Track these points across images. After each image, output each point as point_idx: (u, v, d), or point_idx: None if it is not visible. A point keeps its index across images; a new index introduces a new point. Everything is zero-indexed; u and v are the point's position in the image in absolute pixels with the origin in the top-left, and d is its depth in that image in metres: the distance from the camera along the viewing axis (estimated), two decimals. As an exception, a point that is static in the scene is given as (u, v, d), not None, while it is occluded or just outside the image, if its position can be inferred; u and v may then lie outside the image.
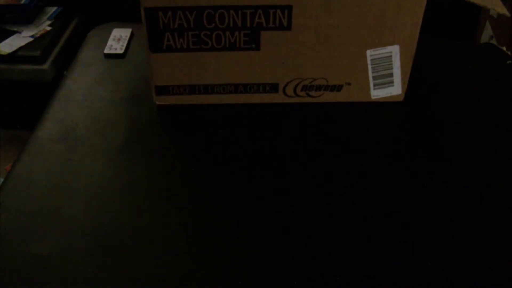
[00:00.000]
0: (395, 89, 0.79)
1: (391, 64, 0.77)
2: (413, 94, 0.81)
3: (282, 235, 0.62)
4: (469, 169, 0.71)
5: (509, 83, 0.88)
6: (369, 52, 0.75)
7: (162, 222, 0.63)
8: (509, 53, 0.95)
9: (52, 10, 1.71)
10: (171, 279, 0.57)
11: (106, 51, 0.91)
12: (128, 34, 0.95)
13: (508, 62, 0.92)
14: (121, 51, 0.91)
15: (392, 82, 0.78)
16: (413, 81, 0.79)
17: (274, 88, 0.78)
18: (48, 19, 1.68)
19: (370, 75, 0.77)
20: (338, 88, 0.78)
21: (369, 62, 0.76)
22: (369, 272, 0.58)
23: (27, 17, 1.64)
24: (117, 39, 0.94)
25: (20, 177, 0.69)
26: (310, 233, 0.62)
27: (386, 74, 0.77)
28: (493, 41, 1.44)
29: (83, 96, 0.82)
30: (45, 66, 1.55)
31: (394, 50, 0.76)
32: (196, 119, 0.79)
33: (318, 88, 0.78)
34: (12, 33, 1.60)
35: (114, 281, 0.57)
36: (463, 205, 0.66)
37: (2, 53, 1.53)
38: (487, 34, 1.49)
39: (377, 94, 0.79)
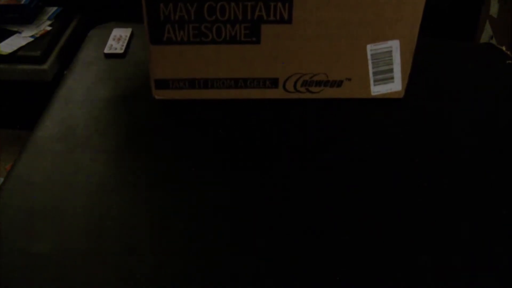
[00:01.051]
0: (395, 85, 0.79)
1: (392, 59, 0.77)
2: (413, 94, 0.81)
3: (282, 233, 0.62)
4: (468, 169, 0.71)
5: (509, 83, 0.88)
6: (369, 47, 0.75)
7: (162, 221, 0.63)
8: (509, 53, 0.95)
9: (52, 10, 1.71)
10: (171, 279, 0.57)
11: (106, 50, 0.91)
12: (128, 34, 0.95)
13: (508, 62, 0.92)
14: (121, 51, 0.91)
15: (392, 78, 0.78)
16: (413, 81, 0.79)
17: (274, 83, 0.78)
18: (48, 19, 1.68)
19: (371, 70, 0.77)
20: (339, 83, 0.78)
21: (369, 57, 0.76)
22: (369, 272, 0.58)
23: (27, 17, 1.64)
24: (117, 39, 0.94)
25: (20, 177, 0.69)
26: (310, 232, 0.62)
27: (387, 69, 0.77)
28: (493, 41, 1.44)
29: (83, 96, 0.82)
30: (45, 66, 1.55)
31: (394, 45, 0.76)
32: (196, 119, 0.79)
33: (318, 83, 0.78)
34: (12, 33, 1.60)
35: (114, 281, 0.57)
36: (463, 205, 0.66)
37: (2, 53, 1.53)
38: (487, 34, 1.49)
39: (377, 90, 0.79)
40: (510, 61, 0.92)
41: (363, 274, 0.58)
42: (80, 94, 0.83)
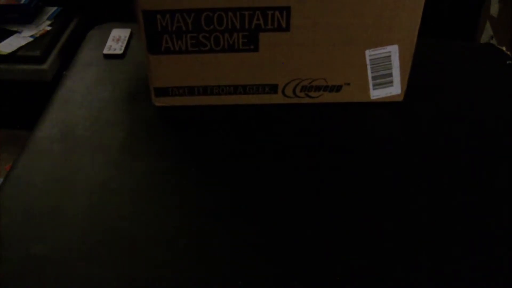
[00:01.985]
0: (394, 89, 0.79)
1: (390, 64, 0.77)
2: (413, 94, 0.81)
3: (282, 235, 0.62)
4: (468, 169, 0.71)
5: (509, 83, 0.88)
6: (368, 52, 0.75)
7: (162, 222, 0.63)
8: (509, 53, 0.95)
9: (52, 10, 1.72)
10: (171, 279, 0.57)
11: (105, 51, 0.91)
12: (128, 35, 0.95)
13: (508, 62, 0.92)
14: (121, 52, 0.91)
15: (391, 82, 0.78)
16: (413, 81, 0.79)
17: (273, 89, 0.78)
18: (48, 19, 1.68)
19: (370, 75, 0.77)
20: (338, 88, 0.78)
21: (368, 62, 0.76)
22: (369, 272, 0.58)
23: (27, 17, 1.64)
24: (117, 40, 0.94)
25: (20, 177, 0.69)
26: (310, 233, 0.62)
27: (386, 74, 0.77)
28: (493, 41, 1.44)
29: (83, 96, 0.82)
30: (45, 66, 1.55)
31: (393, 50, 0.76)
32: (196, 119, 0.79)
33: (317, 88, 0.78)
34: (12, 33, 1.60)
35: (114, 281, 0.57)
36: (463, 205, 0.66)
37: (2, 53, 1.53)
38: (487, 34, 1.49)
39: (376, 94, 0.79)
40: (511, 61, 0.92)
41: (363, 274, 0.58)
42: (80, 95, 0.83)
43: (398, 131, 0.78)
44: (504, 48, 0.96)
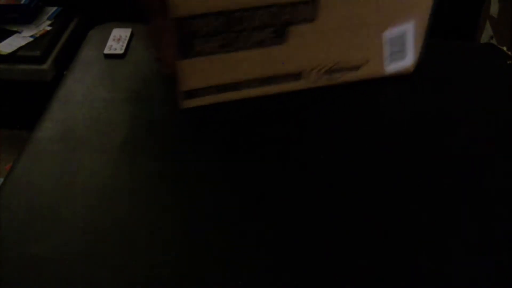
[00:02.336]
0: (407, 61, 0.83)
1: (406, 40, 0.79)
2: (413, 94, 0.81)
3: (283, 235, 0.62)
4: (469, 169, 0.71)
5: (509, 83, 0.88)
6: (386, 32, 0.78)
7: (162, 222, 0.63)
8: (509, 53, 0.95)
9: (52, 10, 1.71)
10: (171, 279, 0.57)
11: (106, 51, 0.91)
12: (128, 34, 0.95)
13: (508, 62, 0.92)
14: (121, 51, 0.91)
15: (405, 56, 0.82)
16: (413, 81, 0.80)
17: (298, 76, 0.79)
18: (48, 19, 1.68)
19: (387, 52, 0.80)
20: (357, 67, 0.80)
21: (386, 41, 0.78)
22: (368, 272, 0.58)
23: (27, 17, 1.64)
24: (117, 39, 0.94)
25: (20, 177, 0.69)
26: (311, 233, 0.62)
27: (401, 49, 0.80)
28: (493, 41, 1.44)
29: (83, 96, 0.82)
30: (45, 66, 1.55)
31: (408, 28, 0.78)
32: (197, 119, 0.79)
33: (339, 70, 0.80)
34: (12, 33, 1.60)
35: (114, 281, 0.57)
36: (462, 205, 0.66)
37: (2, 53, 1.53)
38: (487, 34, 1.49)
39: (391, 68, 0.82)
40: (510, 61, 0.92)
41: (363, 274, 0.58)
42: (80, 95, 0.82)
43: (398, 131, 0.78)
44: (504, 48, 0.96)
